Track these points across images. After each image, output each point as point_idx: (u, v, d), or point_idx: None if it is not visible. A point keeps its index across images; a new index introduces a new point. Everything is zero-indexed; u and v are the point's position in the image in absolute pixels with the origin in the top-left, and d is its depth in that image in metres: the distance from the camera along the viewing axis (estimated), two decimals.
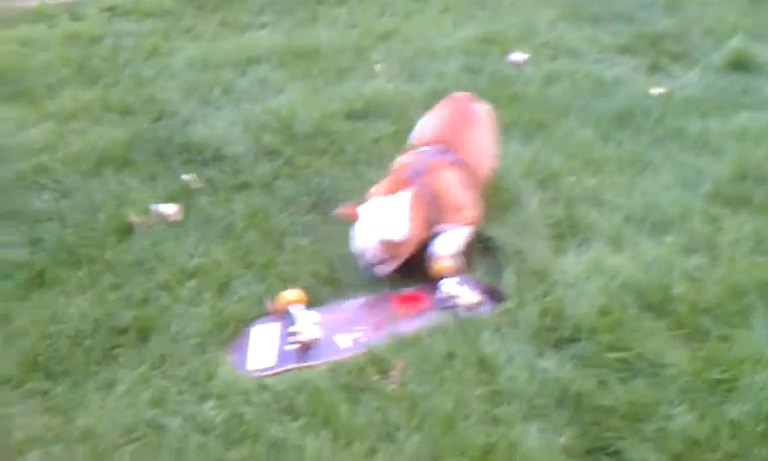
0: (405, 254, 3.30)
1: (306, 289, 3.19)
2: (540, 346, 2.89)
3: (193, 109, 4.86)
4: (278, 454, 2.46)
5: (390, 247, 3.22)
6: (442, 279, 3.21)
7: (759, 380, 2.68)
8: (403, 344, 2.89)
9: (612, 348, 2.85)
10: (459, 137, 3.63)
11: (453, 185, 3.44)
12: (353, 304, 3.22)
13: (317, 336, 2.96)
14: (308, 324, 2.99)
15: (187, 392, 2.71)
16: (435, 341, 2.89)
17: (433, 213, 3.35)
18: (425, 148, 3.59)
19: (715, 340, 2.90)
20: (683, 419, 2.57)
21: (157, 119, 4.74)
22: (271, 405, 2.64)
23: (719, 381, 2.71)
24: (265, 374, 2.81)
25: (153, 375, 2.80)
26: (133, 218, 3.64)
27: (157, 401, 2.67)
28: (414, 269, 3.33)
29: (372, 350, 2.87)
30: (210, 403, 2.64)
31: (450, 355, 2.83)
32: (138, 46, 5.90)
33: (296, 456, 2.45)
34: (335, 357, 2.89)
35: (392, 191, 3.34)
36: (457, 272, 3.25)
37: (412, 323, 3.05)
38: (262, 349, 2.94)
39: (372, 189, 3.45)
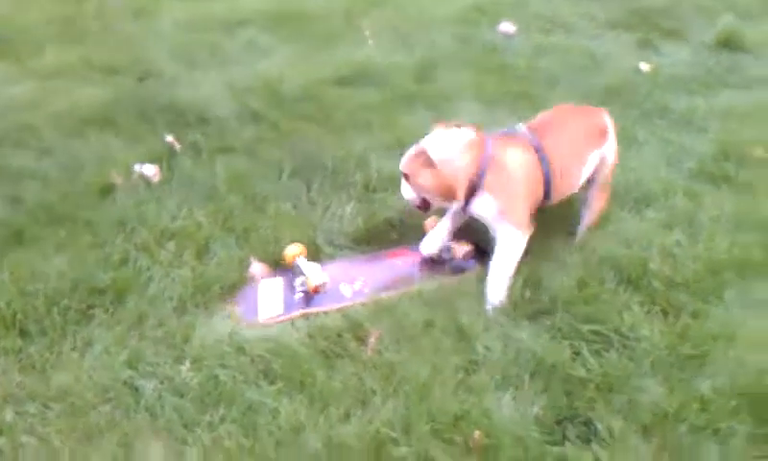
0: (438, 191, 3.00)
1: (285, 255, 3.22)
2: (518, 317, 2.91)
3: (178, 71, 4.81)
4: (253, 417, 2.48)
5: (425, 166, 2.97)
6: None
7: (732, 357, 2.71)
8: (381, 311, 2.90)
9: (587, 320, 2.87)
10: (557, 137, 3.16)
11: (519, 167, 3.03)
12: (351, 260, 3.29)
13: (325, 280, 3.05)
14: (315, 271, 3.08)
15: (163, 354, 2.72)
16: (413, 309, 2.90)
17: (482, 175, 2.98)
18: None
19: (689, 316, 2.93)
20: (653, 391, 2.60)
21: (142, 79, 4.69)
22: (247, 369, 2.66)
23: (691, 356, 2.74)
24: (274, 321, 2.92)
25: (129, 336, 2.81)
26: (116, 178, 3.62)
27: (133, 362, 2.68)
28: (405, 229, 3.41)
29: (350, 316, 2.88)
30: (186, 366, 2.65)
31: (428, 324, 2.85)
32: (125, 6, 5.82)
33: (271, 419, 2.47)
34: (340, 304, 2.99)
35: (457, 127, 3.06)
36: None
37: (410, 275, 3.17)
38: (270, 300, 3.02)
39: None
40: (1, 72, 4.71)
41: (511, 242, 3.02)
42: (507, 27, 5.71)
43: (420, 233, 3.29)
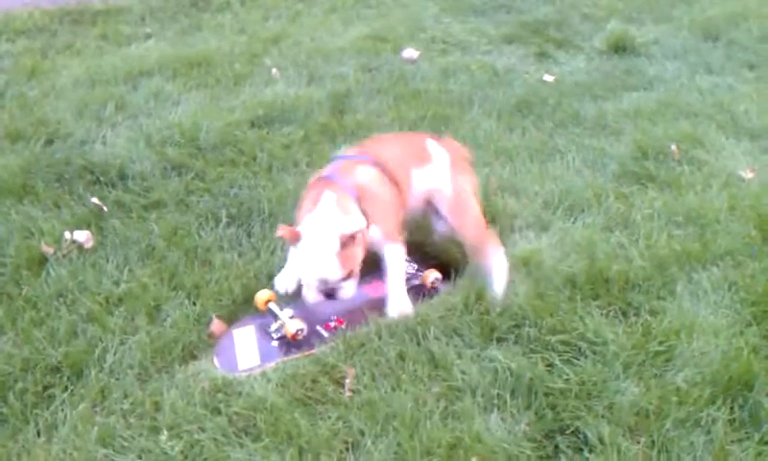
0: (356, 270, 3.00)
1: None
2: (485, 337, 2.93)
3: (88, 129, 4.62)
4: None
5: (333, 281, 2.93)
6: None
7: (697, 347, 2.82)
8: (353, 349, 2.87)
9: (553, 331, 2.92)
10: (388, 153, 3.25)
11: (376, 180, 3.13)
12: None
13: (301, 327, 2.98)
14: (289, 316, 3.01)
15: (136, 426, 2.59)
16: (384, 343, 2.88)
17: (366, 209, 3.03)
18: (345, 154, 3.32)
19: (648, 314, 3.02)
20: (631, 392, 2.67)
21: (50, 142, 4.47)
22: (227, 429, 2.56)
23: (658, 353, 2.84)
24: (254, 372, 2.83)
25: (96, 412, 2.66)
26: (45, 248, 3.45)
27: (106, 439, 2.53)
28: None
29: (322, 359, 2.83)
30: (164, 435, 2.53)
31: (401, 356, 2.83)
32: (17, 67, 5.57)
33: None
34: (322, 347, 2.94)
35: (316, 201, 2.98)
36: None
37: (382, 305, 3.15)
38: (246, 350, 2.94)
39: (300, 206, 3.08)
40: None
41: (397, 257, 3.13)
42: (410, 53, 5.80)
43: (373, 265, 3.30)
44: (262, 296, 3.10)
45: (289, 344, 2.97)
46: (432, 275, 3.24)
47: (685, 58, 5.81)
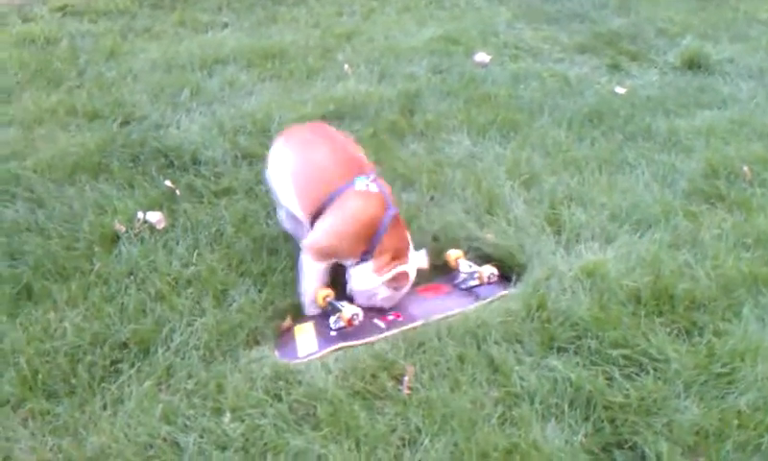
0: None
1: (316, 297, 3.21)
2: (545, 346, 2.93)
3: (163, 112, 4.74)
4: None
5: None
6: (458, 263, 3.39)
7: (761, 372, 2.78)
8: (413, 347, 2.90)
9: (615, 345, 2.91)
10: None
11: None
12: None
13: (356, 311, 3.03)
14: (347, 305, 3.08)
15: (199, 406, 2.66)
16: (444, 344, 2.90)
17: None
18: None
19: (711, 334, 2.99)
20: (691, 411, 2.64)
21: (126, 123, 4.61)
22: (287, 416, 2.62)
23: (720, 374, 2.80)
24: (313, 357, 2.90)
25: (160, 389, 2.74)
26: (118, 226, 3.55)
27: (170, 417, 2.60)
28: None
29: (383, 355, 2.86)
30: (228, 417, 2.60)
31: (461, 358, 2.85)
32: (97, 47, 5.74)
33: None
34: (377, 336, 3.00)
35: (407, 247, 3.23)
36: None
37: (441, 305, 3.20)
38: (306, 340, 3.02)
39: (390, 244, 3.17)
40: None
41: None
42: (482, 56, 5.80)
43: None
44: (321, 292, 3.16)
45: (347, 334, 3.02)
46: (488, 270, 3.27)
47: (761, 78, 5.69)
